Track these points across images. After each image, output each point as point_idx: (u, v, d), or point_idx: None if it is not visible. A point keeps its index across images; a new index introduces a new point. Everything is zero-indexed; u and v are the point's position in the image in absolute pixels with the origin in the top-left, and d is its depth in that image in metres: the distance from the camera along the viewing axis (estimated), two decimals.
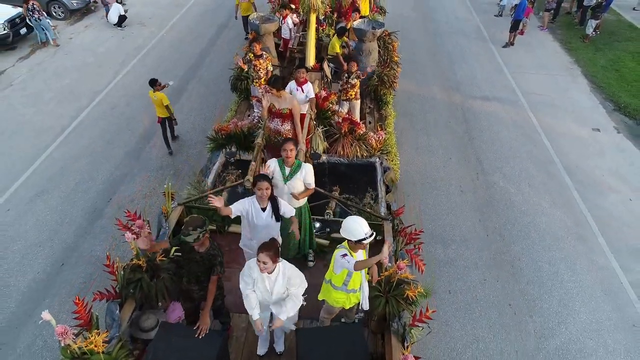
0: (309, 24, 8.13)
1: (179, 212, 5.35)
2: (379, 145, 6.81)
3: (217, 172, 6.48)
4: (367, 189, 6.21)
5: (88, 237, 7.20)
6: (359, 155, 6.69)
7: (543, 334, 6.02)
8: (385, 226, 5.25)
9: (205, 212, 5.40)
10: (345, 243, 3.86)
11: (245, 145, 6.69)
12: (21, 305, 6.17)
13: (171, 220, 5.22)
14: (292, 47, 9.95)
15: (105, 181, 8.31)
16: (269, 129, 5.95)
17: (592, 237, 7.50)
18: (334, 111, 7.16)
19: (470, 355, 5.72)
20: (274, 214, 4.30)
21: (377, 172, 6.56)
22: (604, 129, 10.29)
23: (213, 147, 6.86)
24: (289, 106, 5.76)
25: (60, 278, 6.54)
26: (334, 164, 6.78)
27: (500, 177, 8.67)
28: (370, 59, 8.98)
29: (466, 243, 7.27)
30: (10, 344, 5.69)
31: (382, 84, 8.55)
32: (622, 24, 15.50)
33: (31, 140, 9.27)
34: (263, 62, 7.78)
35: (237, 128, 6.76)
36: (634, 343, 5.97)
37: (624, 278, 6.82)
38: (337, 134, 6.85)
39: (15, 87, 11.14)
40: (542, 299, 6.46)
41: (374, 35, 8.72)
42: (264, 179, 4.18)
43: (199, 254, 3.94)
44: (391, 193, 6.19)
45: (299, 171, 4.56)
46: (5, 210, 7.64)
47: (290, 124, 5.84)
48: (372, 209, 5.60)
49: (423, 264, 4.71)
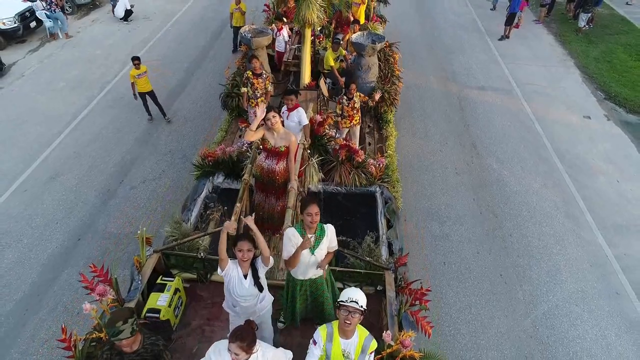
0: (304, 39, 7.51)
1: (154, 261, 4.61)
2: (380, 173, 6.23)
3: (202, 204, 5.91)
4: (366, 223, 5.78)
5: (102, 215, 7.60)
6: (357, 183, 6.13)
7: (532, 301, 6.42)
8: (386, 277, 4.56)
9: (185, 259, 4.79)
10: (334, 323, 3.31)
11: (235, 172, 6.14)
12: (42, 275, 6.57)
13: (145, 270, 4.49)
14: (287, 60, 9.32)
15: (116, 164, 8.71)
16: (260, 168, 5.14)
17: (580, 215, 7.90)
18: (331, 137, 6.54)
19: (463, 319, 6.13)
20: (255, 282, 3.63)
21: (377, 203, 6.03)
22: (595, 116, 10.69)
23: (199, 175, 6.26)
24: (285, 143, 4.94)
25: (77, 251, 6.95)
26: (331, 194, 6.19)
27: (494, 160, 9.08)
28: (370, 74, 8.32)
29: (460, 220, 7.67)
30: (33, 309, 6.10)
31: (383, 101, 8.05)
32: (615, 18, 15.89)
33: (45, 127, 9.67)
34: (262, 81, 7.20)
35: (224, 154, 6.22)
36: (616, 308, 6.37)
37: (609, 251, 7.22)
38: (333, 162, 6.25)
39: (27, 77, 11.54)
40: (532, 270, 6.87)
41: (373, 49, 8.08)
42: (246, 237, 3.54)
43: (134, 353, 3.07)
44: (393, 228, 5.64)
45: (324, 236, 3.83)
46: (22, 191, 8.04)
47: (285, 162, 5.06)
48: (373, 254, 4.93)
49: (430, 327, 4.11)
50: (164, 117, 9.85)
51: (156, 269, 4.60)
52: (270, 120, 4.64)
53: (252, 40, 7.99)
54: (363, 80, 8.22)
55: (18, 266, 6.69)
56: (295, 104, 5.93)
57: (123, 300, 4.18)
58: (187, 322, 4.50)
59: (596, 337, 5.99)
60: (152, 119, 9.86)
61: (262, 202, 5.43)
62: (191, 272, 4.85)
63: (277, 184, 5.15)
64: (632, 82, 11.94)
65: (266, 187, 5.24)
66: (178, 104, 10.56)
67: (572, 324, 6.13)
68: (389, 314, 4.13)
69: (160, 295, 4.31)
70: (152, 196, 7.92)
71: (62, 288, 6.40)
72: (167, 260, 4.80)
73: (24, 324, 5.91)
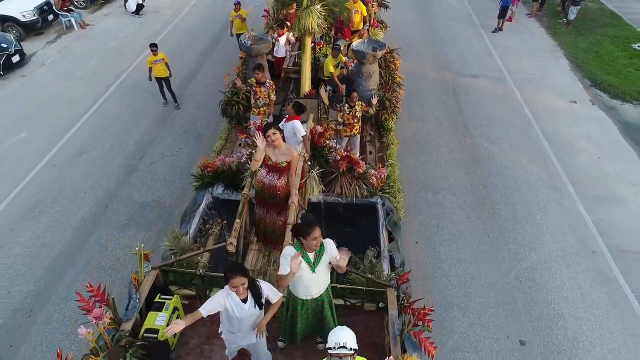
0: (304, 48, 7.47)
1: (153, 278, 4.50)
2: (381, 183, 6.15)
3: (202, 216, 5.83)
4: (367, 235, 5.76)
5: (126, 186, 8.32)
6: (358, 195, 6.06)
7: (516, 258, 7.14)
8: (389, 294, 4.46)
9: (183, 275, 4.71)
10: None
11: (234, 183, 6.08)
12: (74, 237, 7.30)
13: (143, 289, 4.37)
14: (287, 67, 9.30)
15: (135, 143, 9.43)
16: (261, 184, 5.00)
17: (563, 187, 8.62)
18: (331, 148, 6.47)
19: (454, 272, 6.85)
20: (256, 303, 3.57)
21: (378, 215, 5.97)
22: (581, 101, 11.42)
23: (198, 186, 6.19)
24: (287, 159, 4.82)
25: (105, 217, 7.67)
26: (331, 205, 6.15)
27: (484, 140, 9.80)
28: (371, 81, 8.24)
29: (453, 190, 8.40)
30: (69, 264, 6.83)
31: (384, 109, 7.94)
32: (604, 12, 16.62)
33: (67, 110, 10.40)
34: (265, 90, 7.13)
35: (224, 165, 6.15)
36: (592, 265, 7.09)
37: (587, 218, 7.94)
38: (334, 173, 6.18)
39: (48, 66, 12.29)
40: (517, 232, 7.59)
41: (374, 57, 8.02)
42: (238, 272, 3.35)
43: None
44: (395, 241, 5.61)
45: (323, 252, 3.74)
46: (51, 166, 8.77)
47: (287, 177, 4.96)
48: (375, 269, 4.86)
49: (434, 347, 4.00)
50: (175, 102, 10.53)
51: (155, 284, 4.51)
52: (271, 137, 4.55)
53: (252, 47, 8.00)
54: (364, 87, 8.19)
55: (52, 229, 7.41)
56: (295, 117, 5.79)
57: (120, 320, 4.09)
58: (186, 341, 4.41)
59: (572, 288, 6.71)
60: (167, 103, 10.59)
61: (263, 216, 5.28)
62: (190, 288, 4.76)
63: (278, 199, 5.04)
64: (617, 70, 12.66)
65: (267, 201, 5.12)
66: (190, 90, 11.29)
67: (551, 277, 6.85)
68: (392, 334, 4.09)
69: (158, 314, 4.21)
70: (171, 170, 8.65)
71: (93, 247, 7.12)
72: (166, 277, 4.71)
73: (62, 277, 6.64)
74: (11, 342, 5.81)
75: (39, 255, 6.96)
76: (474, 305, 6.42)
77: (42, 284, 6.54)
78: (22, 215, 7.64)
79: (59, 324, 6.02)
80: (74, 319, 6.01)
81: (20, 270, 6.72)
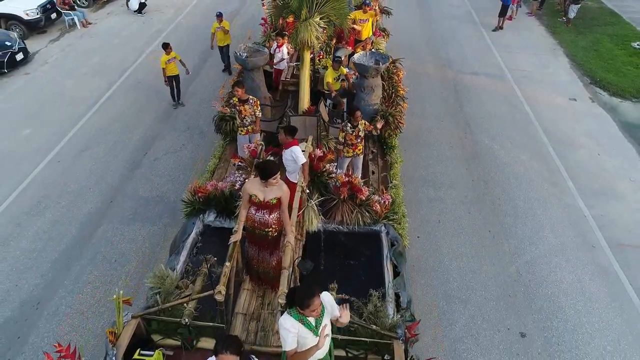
0: (303, 63, 7.01)
1: (132, 329, 4.04)
2: (385, 210, 5.80)
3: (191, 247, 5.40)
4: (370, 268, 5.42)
5: (130, 181, 8.40)
6: (361, 222, 5.67)
7: (516, 252, 7.23)
8: (395, 347, 4.03)
9: (167, 324, 4.24)
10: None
11: (227, 209, 5.67)
12: (81, 231, 7.38)
13: (121, 341, 3.90)
14: (285, 79, 9.02)
15: (139, 139, 9.51)
16: (251, 221, 4.53)
17: (562, 182, 8.71)
18: (331, 173, 6.10)
19: (455, 266, 6.94)
20: None
21: (382, 245, 5.57)
22: (580, 98, 11.51)
23: (188, 212, 5.78)
24: (277, 194, 4.36)
25: (111, 211, 7.76)
26: (331, 233, 5.73)
27: (485, 137, 9.89)
28: (373, 95, 7.80)
29: (454, 186, 8.48)
30: (76, 257, 6.92)
31: (387, 125, 7.52)
32: (604, 11, 16.73)
33: (72, 107, 10.48)
34: (249, 107, 6.70)
35: (216, 190, 5.76)
36: (591, 259, 7.18)
37: (587, 212, 8.03)
38: (335, 200, 5.79)
39: (51, 64, 12.37)
40: (517, 227, 7.68)
41: (377, 71, 7.61)
42: (229, 349, 2.85)
43: None
44: (400, 276, 5.18)
45: (324, 313, 3.34)
46: (56, 162, 8.85)
47: (279, 211, 4.50)
48: (379, 314, 4.39)
49: None
50: (178, 100, 10.54)
51: (136, 333, 4.05)
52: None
53: (248, 60, 7.58)
54: (366, 102, 7.75)
55: (58, 224, 7.49)
56: (292, 142, 5.44)
57: None
58: None
59: (572, 281, 6.80)
60: (177, 106, 10.49)
61: (255, 255, 4.84)
62: (175, 338, 4.25)
63: (270, 237, 4.58)
64: (616, 68, 12.76)
65: (258, 240, 4.66)
66: (193, 88, 11.36)
67: (551, 271, 6.94)
68: None
69: None
70: (174, 165, 8.74)
71: (99, 241, 7.21)
72: (148, 325, 4.24)
73: (69, 269, 6.72)
74: (19, 334, 5.90)
75: (46, 248, 7.05)
76: (475, 298, 6.51)
77: (49, 277, 6.62)
78: (28, 211, 7.72)
79: (65, 316, 6.10)
80: (81, 311, 6.12)
81: (27, 263, 6.81)
